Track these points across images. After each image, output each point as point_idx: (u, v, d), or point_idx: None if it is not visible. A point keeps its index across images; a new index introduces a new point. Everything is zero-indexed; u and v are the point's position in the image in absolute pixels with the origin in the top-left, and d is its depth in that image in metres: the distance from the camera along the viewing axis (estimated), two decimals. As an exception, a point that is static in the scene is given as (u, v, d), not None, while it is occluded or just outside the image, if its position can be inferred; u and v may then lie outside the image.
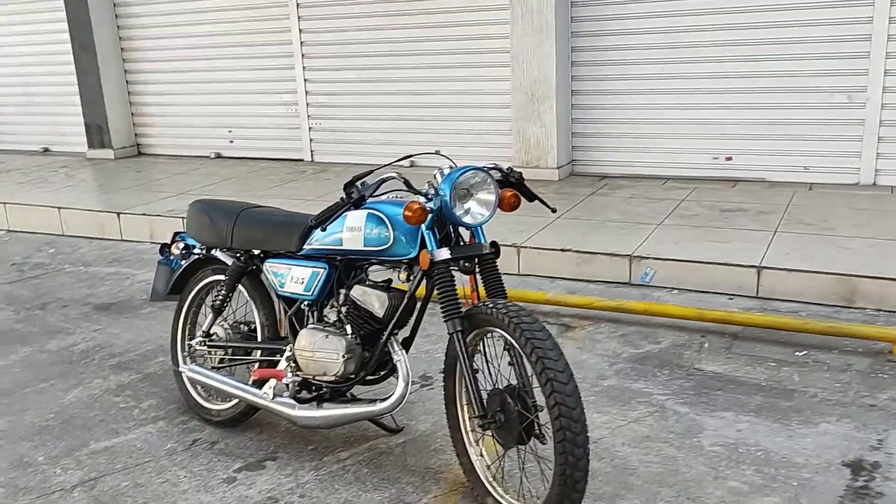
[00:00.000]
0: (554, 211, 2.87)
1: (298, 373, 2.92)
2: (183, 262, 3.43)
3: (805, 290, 4.30)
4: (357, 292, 2.83)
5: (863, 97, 6.04)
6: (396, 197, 2.82)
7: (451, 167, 2.64)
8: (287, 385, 2.94)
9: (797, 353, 3.72)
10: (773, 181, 6.42)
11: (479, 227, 2.64)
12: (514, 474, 2.69)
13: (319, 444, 3.14)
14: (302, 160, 8.53)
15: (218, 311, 3.28)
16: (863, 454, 2.86)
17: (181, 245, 3.38)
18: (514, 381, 2.48)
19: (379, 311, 2.77)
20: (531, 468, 2.64)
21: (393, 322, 2.75)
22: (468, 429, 2.70)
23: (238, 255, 3.17)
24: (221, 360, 3.30)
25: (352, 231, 2.75)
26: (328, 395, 2.89)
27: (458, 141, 7.59)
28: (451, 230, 2.64)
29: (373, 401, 2.80)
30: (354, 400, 2.90)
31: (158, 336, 4.32)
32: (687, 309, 4.09)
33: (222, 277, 3.31)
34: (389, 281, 2.85)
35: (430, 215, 2.52)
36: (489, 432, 2.50)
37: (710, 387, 3.43)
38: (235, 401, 3.26)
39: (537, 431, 2.42)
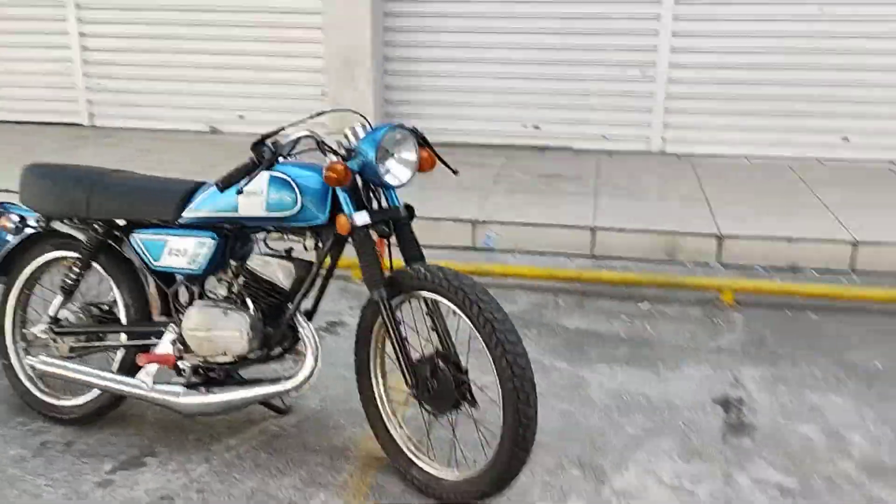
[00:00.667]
0: (456, 173, 2.80)
1: (188, 356, 2.61)
2: (11, 237, 2.91)
3: (633, 248, 4.65)
4: (256, 263, 2.58)
5: (652, 72, 6.62)
6: (298, 158, 2.60)
7: (365, 126, 2.48)
8: (181, 370, 2.62)
9: (640, 306, 4.02)
10: (577, 149, 6.85)
11: (393, 190, 2.51)
12: (440, 444, 2.61)
13: (202, 434, 2.85)
14: (79, 124, 7.61)
15: (69, 293, 2.83)
16: (727, 392, 3.16)
17: (14, 218, 2.86)
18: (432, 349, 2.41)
19: (284, 282, 2.55)
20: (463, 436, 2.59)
21: (300, 294, 2.54)
22: (385, 400, 2.60)
23: (95, 226, 2.75)
24: (73, 349, 2.87)
25: (250, 196, 2.49)
26: (221, 378, 2.62)
27: (266, 106, 7.19)
28: (365, 193, 2.48)
29: (275, 379, 2.58)
30: (253, 381, 2.65)
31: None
32: (540, 270, 4.25)
33: (66, 253, 2.87)
34: (290, 250, 2.62)
35: (352, 176, 2.35)
36: (417, 401, 2.42)
37: (578, 342, 3.60)
38: (94, 394, 2.86)
39: (469, 396, 2.38)
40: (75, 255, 2.84)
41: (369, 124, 2.50)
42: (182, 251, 2.63)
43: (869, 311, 3.93)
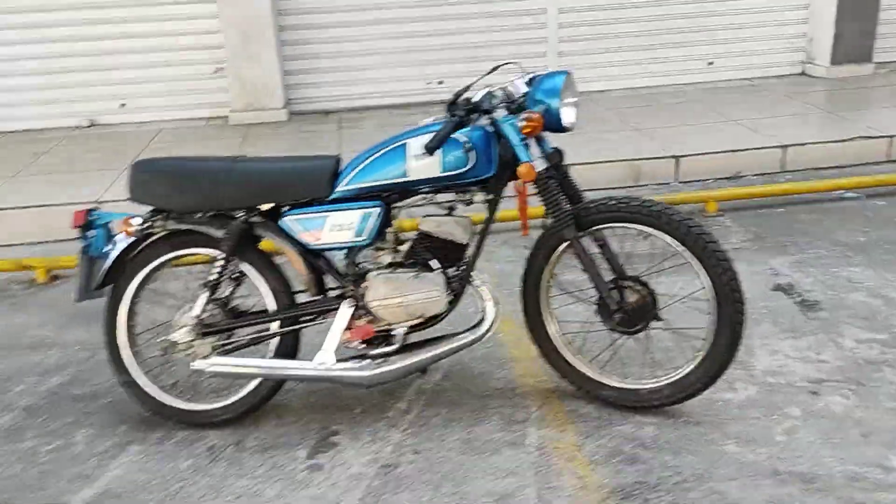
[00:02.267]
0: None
1: (378, 324, 2.62)
2: (117, 242, 2.68)
3: (607, 178, 5.06)
4: (430, 224, 2.62)
5: (543, 18, 7.02)
6: (435, 119, 2.65)
7: (530, 74, 2.59)
8: (373, 342, 2.61)
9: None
10: (482, 99, 7.11)
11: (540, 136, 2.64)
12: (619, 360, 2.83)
13: (363, 406, 2.85)
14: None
15: (213, 289, 2.68)
16: (774, 280, 3.66)
17: (137, 220, 2.63)
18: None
19: (463, 238, 2.62)
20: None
21: (476, 248, 2.63)
22: (559, 333, 2.77)
23: (235, 216, 2.62)
24: (213, 348, 2.73)
25: (423, 158, 2.52)
26: (400, 344, 2.65)
27: (150, 91, 6.70)
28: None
29: (460, 333, 2.66)
30: (433, 340, 2.70)
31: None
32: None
33: (183, 252, 2.71)
34: (452, 208, 2.68)
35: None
36: (610, 325, 2.63)
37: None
38: (246, 391, 2.76)
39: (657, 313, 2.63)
40: (203, 250, 2.70)
41: (524, 73, 2.61)
42: (347, 225, 2.60)
43: (819, 200, 4.64)
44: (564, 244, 2.63)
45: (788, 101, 6.40)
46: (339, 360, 2.64)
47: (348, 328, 2.66)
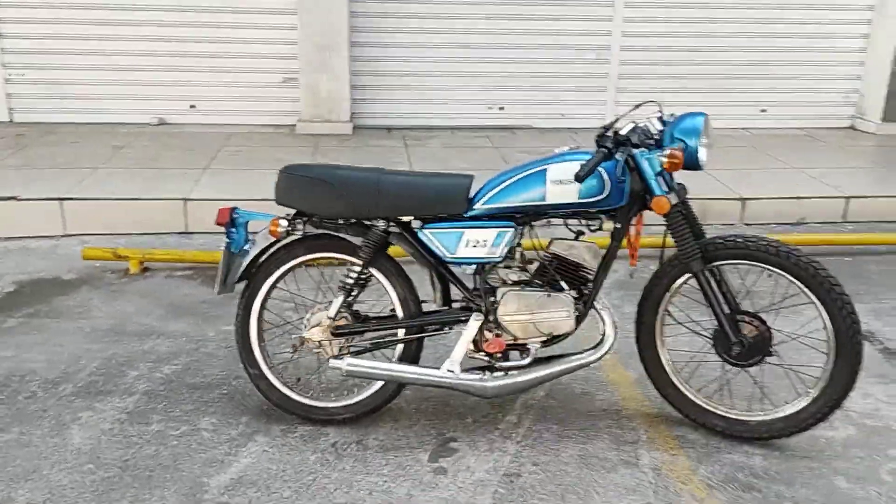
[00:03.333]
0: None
1: (506, 339, 2.75)
2: (256, 241, 2.82)
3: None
4: (561, 247, 2.76)
5: (607, 55, 7.21)
6: (570, 148, 2.79)
7: (671, 115, 2.74)
8: (497, 355, 2.74)
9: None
10: (541, 127, 7.29)
11: (671, 173, 2.78)
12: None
13: (475, 415, 2.97)
14: (-4, 121, 6.81)
15: (349, 293, 2.81)
16: (853, 327, 3.78)
17: (284, 223, 2.77)
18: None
19: (592, 262, 2.75)
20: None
21: (604, 273, 2.77)
22: (669, 361, 2.89)
23: (373, 224, 2.76)
24: (341, 349, 2.85)
25: (562, 184, 2.66)
26: (532, 359, 2.77)
27: (220, 95, 6.88)
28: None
29: (580, 352, 2.79)
30: (553, 357, 2.82)
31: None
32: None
33: (318, 255, 2.85)
34: (581, 234, 2.82)
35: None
36: (726, 357, 2.75)
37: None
38: (370, 392, 2.88)
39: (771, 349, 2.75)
40: (338, 255, 2.84)
41: (664, 113, 2.76)
42: (481, 242, 2.73)
43: (886, 252, 4.78)
44: (687, 276, 2.76)
45: (843, 154, 6.57)
46: (464, 370, 2.77)
47: (474, 340, 2.79)
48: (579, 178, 2.51)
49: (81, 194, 4.94)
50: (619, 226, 2.75)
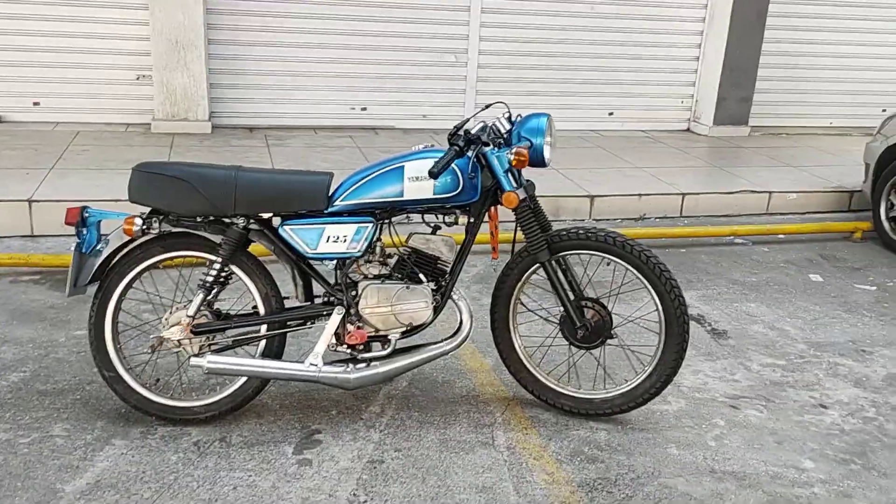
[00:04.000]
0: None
1: (368, 331, 2.83)
2: (109, 240, 2.77)
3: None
4: (418, 241, 2.87)
5: (465, 57, 7.44)
6: (426, 146, 2.92)
7: (518, 115, 2.91)
8: (358, 347, 2.81)
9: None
10: (403, 128, 7.43)
11: (519, 170, 2.96)
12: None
13: (339, 407, 3.04)
14: None
15: (209, 291, 2.80)
16: (690, 312, 4.14)
17: (139, 221, 2.72)
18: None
19: (449, 255, 2.89)
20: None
21: (460, 265, 2.91)
22: (523, 347, 3.08)
23: (236, 222, 2.77)
24: (201, 348, 2.84)
25: (418, 181, 2.78)
26: (393, 349, 2.87)
27: (74, 92, 6.57)
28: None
29: (439, 342, 2.92)
30: (411, 348, 2.93)
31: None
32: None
33: (175, 254, 2.83)
34: (438, 228, 2.94)
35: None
36: (571, 341, 2.97)
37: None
38: (231, 390, 2.89)
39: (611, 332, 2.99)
40: (196, 253, 2.83)
41: (510, 112, 2.93)
42: (341, 237, 2.81)
43: (715, 244, 5.25)
44: (535, 266, 2.96)
45: (681, 154, 7.12)
46: (326, 363, 2.83)
47: (336, 333, 2.87)
48: (433, 174, 2.64)
49: (-90, 196, 4.59)
50: (473, 220, 2.90)
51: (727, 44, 7.75)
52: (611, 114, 8.01)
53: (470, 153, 2.79)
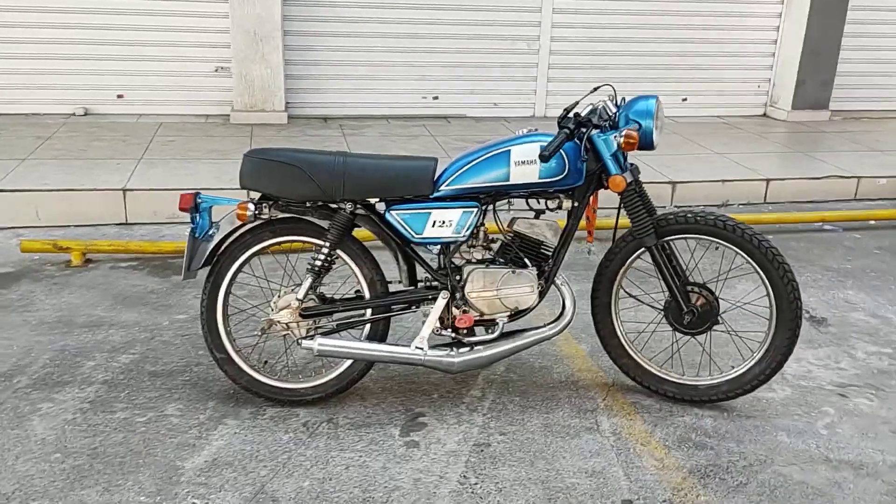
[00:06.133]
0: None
1: (473, 315, 2.84)
2: (220, 225, 2.83)
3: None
4: (522, 225, 2.87)
5: (536, 45, 7.39)
6: (530, 130, 2.90)
7: (622, 98, 2.87)
8: (459, 331, 2.83)
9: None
10: (475, 116, 7.42)
11: (625, 153, 2.92)
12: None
13: (441, 391, 3.06)
14: None
15: (317, 275, 2.85)
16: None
17: (251, 207, 2.78)
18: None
19: (553, 240, 2.88)
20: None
21: (564, 250, 2.89)
22: (622, 332, 3.05)
23: (339, 207, 2.81)
24: (308, 330, 2.89)
25: (525, 165, 2.77)
26: (496, 334, 2.88)
27: (156, 85, 6.73)
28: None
29: (541, 326, 2.91)
30: (514, 332, 2.93)
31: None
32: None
33: (284, 239, 2.88)
34: (541, 212, 2.93)
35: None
36: (677, 326, 2.93)
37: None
38: (338, 372, 2.93)
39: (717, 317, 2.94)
40: (304, 238, 2.87)
41: (615, 95, 2.90)
42: (447, 222, 2.82)
43: (804, 230, 5.11)
44: (640, 251, 2.92)
45: (760, 140, 6.95)
46: (431, 347, 2.85)
47: (439, 318, 2.88)
48: (544, 157, 2.62)
49: (10, 186, 4.77)
50: (576, 204, 2.88)
51: (807, 25, 7.52)
52: (684, 100, 7.85)
53: (577, 137, 2.76)
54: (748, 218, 5.12)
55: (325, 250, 2.83)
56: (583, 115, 2.74)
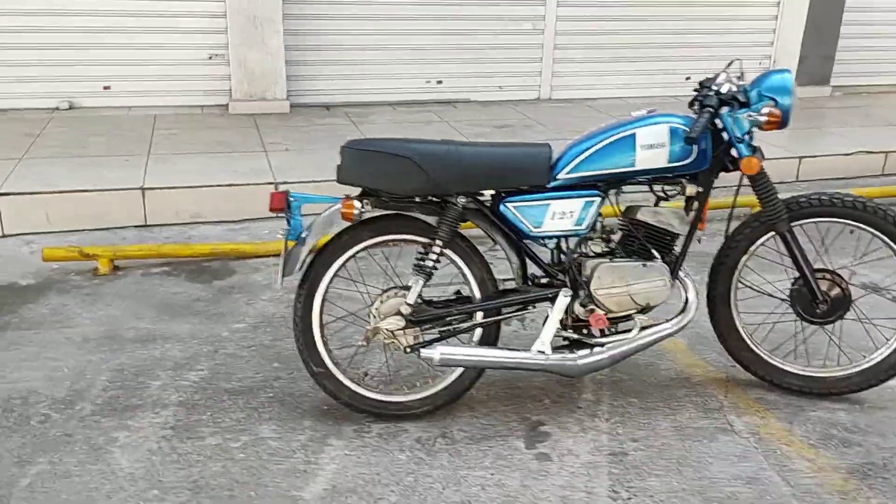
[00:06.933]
0: None
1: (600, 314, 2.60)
2: (308, 230, 2.53)
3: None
4: (647, 215, 2.64)
5: (541, 25, 7.16)
6: (649, 111, 2.67)
7: (758, 74, 2.67)
8: (585, 333, 2.60)
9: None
10: (479, 100, 7.15)
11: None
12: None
13: (553, 396, 2.83)
14: None
15: (429, 276, 2.57)
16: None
17: (357, 204, 2.48)
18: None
19: (680, 229, 2.65)
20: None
21: (690, 239, 2.68)
22: (741, 325, 2.85)
23: (450, 201, 2.53)
24: (416, 337, 2.61)
25: (652, 148, 2.54)
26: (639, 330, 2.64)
27: (145, 74, 6.26)
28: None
29: (665, 322, 2.69)
30: (642, 328, 2.70)
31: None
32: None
33: (385, 238, 2.59)
34: (662, 199, 2.70)
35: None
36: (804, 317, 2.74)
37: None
38: (446, 383, 2.67)
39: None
40: (407, 237, 2.60)
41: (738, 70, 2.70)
42: (567, 213, 2.57)
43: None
44: (768, 236, 2.73)
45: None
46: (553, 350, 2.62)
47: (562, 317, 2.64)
48: (691, 139, 2.40)
49: (14, 188, 4.34)
50: (701, 189, 2.67)
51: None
52: (688, 78, 7.69)
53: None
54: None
55: (437, 249, 2.56)
56: (724, 91, 2.53)
